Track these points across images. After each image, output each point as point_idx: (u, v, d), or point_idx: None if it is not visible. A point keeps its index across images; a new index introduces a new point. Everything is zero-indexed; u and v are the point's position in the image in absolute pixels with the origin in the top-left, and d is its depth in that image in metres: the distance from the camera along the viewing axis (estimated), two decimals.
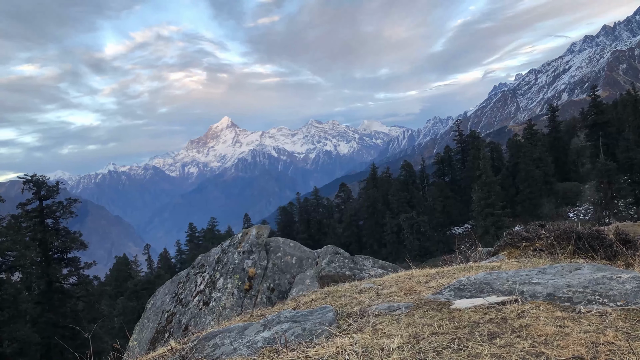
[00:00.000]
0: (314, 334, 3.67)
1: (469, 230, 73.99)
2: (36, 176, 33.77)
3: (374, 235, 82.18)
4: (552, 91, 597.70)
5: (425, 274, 5.92)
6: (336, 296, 5.26)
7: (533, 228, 7.49)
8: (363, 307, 4.43)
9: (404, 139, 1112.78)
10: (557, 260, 6.06)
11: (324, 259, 11.35)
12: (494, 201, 63.64)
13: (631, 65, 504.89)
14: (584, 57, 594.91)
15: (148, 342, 11.52)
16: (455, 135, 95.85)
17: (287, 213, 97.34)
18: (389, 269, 10.79)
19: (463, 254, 8.76)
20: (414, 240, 71.27)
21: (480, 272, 5.25)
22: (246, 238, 12.57)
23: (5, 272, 28.86)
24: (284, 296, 10.79)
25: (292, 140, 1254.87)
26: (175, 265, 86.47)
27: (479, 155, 71.33)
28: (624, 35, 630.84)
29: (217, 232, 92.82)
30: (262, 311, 5.73)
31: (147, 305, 13.58)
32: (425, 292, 4.87)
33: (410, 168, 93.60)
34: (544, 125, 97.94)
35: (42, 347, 30.40)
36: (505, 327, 3.32)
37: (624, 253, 6.10)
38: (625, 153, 67.93)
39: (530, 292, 4.08)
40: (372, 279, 6.80)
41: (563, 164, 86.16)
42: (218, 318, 10.42)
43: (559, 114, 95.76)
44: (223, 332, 4.19)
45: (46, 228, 33.68)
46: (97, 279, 50.58)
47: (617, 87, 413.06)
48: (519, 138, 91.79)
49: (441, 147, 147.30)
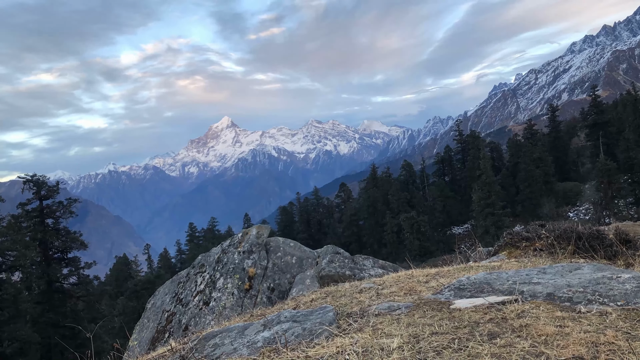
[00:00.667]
0: (314, 333, 3.67)
1: (469, 230, 73.99)
2: (36, 176, 33.77)
3: (374, 235, 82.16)
4: (552, 91, 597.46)
5: (426, 274, 5.92)
6: (336, 296, 5.26)
7: (533, 228, 7.49)
8: (363, 307, 4.43)
9: (404, 138, 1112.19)
10: (557, 260, 6.06)
11: (324, 259, 11.35)
12: (494, 201, 63.63)
13: (631, 65, 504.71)
14: (584, 57, 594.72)
15: (148, 342, 11.53)
16: (455, 135, 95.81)
17: (287, 213, 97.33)
18: (389, 269, 10.79)
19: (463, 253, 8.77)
20: (414, 240, 71.22)
21: (480, 272, 5.25)
22: (246, 238, 12.57)
23: (6, 272, 28.85)
24: (284, 296, 10.79)
25: (292, 140, 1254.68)
26: (175, 265, 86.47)
27: (479, 155, 71.33)
28: (624, 35, 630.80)
29: (217, 232, 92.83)
30: (262, 311, 5.74)
31: (147, 305, 13.58)
32: (425, 292, 4.87)
33: (410, 168, 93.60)
34: (544, 125, 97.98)
35: (42, 347, 30.42)
36: (506, 327, 3.32)
37: (624, 253, 6.10)
38: (625, 153, 67.89)
39: (531, 292, 4.08)
40: (372, 279, 6.80)
41: (563, 164, 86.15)
42: (218, 318, 10.42)
43: (559, 113, 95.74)
44: (223, 332, 4.19)
45: (46, 228, 33.69)
46: (97, 279, 50.59)
47: (617, 87, 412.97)
48: (519, 138, 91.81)
49: (441, 147, 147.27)
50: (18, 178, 34.96)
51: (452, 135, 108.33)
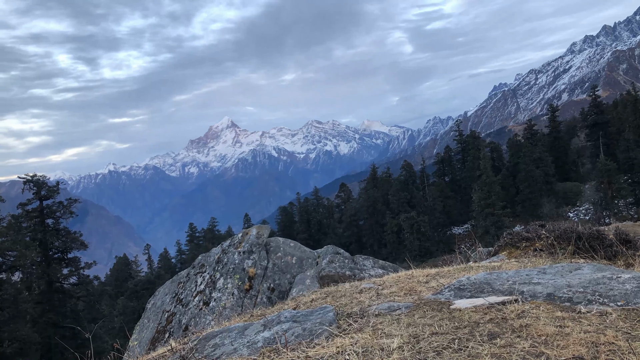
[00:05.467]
0: (314, 334, 3.68)
1: (469, 230, 74.02)
2: (36, 176, 33.78)
3: (374, 235, 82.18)
4: (552, 91, 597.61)
5: (426, 274, 5.92)
6: (336, 296, 5.26)
7: (533, 228, 7.48)
8: (363, 307, 4.43)
9: (404, 139, 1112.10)
10: (557, 260, 6.06)
11: (324, 259, 11.35)
12: (494, 201, 63.66)
13: (631, 65, 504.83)
14: (584, 57, 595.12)
15: (148, 342, 11.53)
16: (455, 135, 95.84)
17: (287, 213, 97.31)
18: (389, 269, 10.79)
19: (463, 254, 8.77)
20: (414, 240, 71.25)
21: (480, 272, 5.25)
22: (246, 238, 12.57)
23: (6, 272, 28.86)
24: (284, 296, 10.79)
25: (292, 140, 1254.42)
26: (175, 265, 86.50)
27: (479, 155, 71.38)
28: (624, 35, 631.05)
29: (218, 232, 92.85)
30: (263, 311, 5.74)
31: (147, 305, 13.58)
32: (425, 292, 4.87)
33: (410, 168, 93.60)
34: (544, 125, 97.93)
35: (42, 347, 30.42)
36: (506, 327, 3.32)
37: (624, 253, 6.10)
38: (625, 153, 67.95)
39: (531, 292, 4.08)
40: (372, 279, 6.80)
41: (563, 164, 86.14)
42: (218, 318, 10.42)
43: (559, 114, 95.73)
44: (223, 332, 4.19)
45: (46, 228, 33.70)
46: (97, 279, 50.58)
47: (617, 87, 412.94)
48: (519, 138, 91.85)
49: (441, 147, 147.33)
50: (18, 178, 34.96)
51: (452, 136, 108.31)
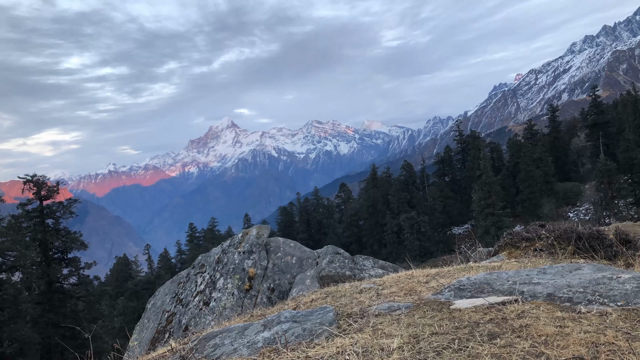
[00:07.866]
0: (314, 334, 3.68)
1: (469, 230, 74.02)
2: (36, 176, 33.77)
3: (374, 235, 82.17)
4: (552, 91, 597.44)
5: (426, 274, 5.92)
6: (336, 296, 5.26)
7: (533, 228, 7.49)
8: (363, 307, 4.43)
9: (404, 139, 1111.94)
10: (557, 261, 6.06)
11: (324, 259, 11.35)
12: (494, 201, 63.64)
13: (631, 65, 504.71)
14: (584, 57, 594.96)
15: (148, 342, 11.53)
16: (455, 135, 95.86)
17: (287, 213, 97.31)
18: (389, 269, 10.79)
19: (463, 254, 8.77)
20: (414, 241, 71.27)
21: (480, 272, 5.25)
22: (246, 238, 12.57)
23: (6, 272, 28.85)
24: (284, 296, 10.79)
25: (292, 140, 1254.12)
26: (175, 265, 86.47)
27: (479, 155, 71.34)
28: (624, 35, 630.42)
29: (218, 232, 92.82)
30: (263, 311, 5.74)
31: (148, 306, 13.58)
32: (425, 292, 4.87)
33: (410, 168, 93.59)
34: (544, 125, 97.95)
35: (42, 347, 30.42)
36: (506, 327, 3.32)
37: (624, 253, 6.10)
38: (625, 153, 67.89)
39: (531, 292, 4.08)
40: (372, 279, 6.80)
41: (563, 164, 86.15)
42: (218, 318, 10.42)
43: (559, 114, 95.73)
44: (223, 332, 4.19)
45: (46, 228, 33.69)
46: (97, 279, 50.56)
47: (617, 87, 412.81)
48: (519, 138, 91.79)
49: (441, 147, 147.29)
50: (18, 178, 34.95)
51: (452, 136, 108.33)
